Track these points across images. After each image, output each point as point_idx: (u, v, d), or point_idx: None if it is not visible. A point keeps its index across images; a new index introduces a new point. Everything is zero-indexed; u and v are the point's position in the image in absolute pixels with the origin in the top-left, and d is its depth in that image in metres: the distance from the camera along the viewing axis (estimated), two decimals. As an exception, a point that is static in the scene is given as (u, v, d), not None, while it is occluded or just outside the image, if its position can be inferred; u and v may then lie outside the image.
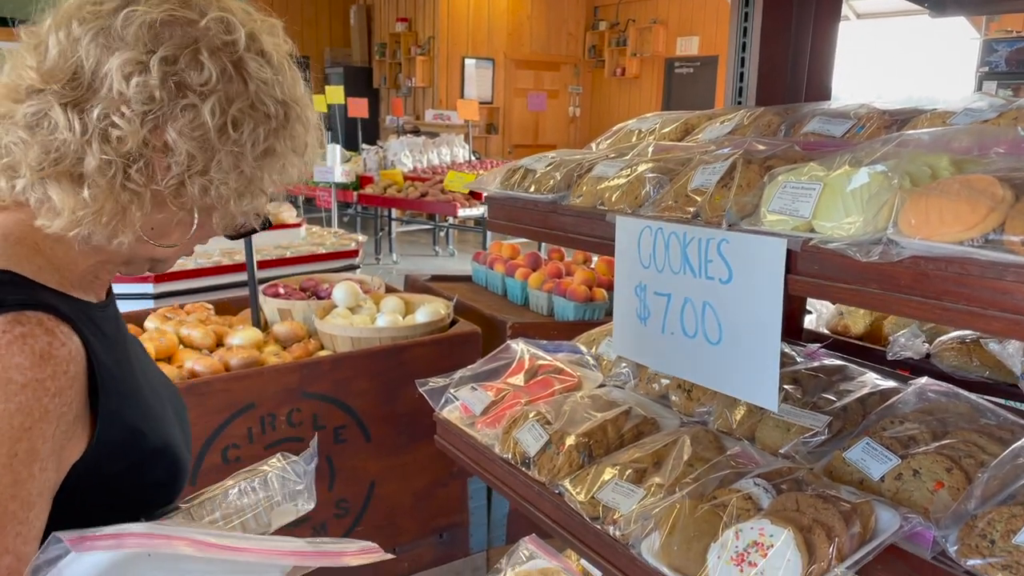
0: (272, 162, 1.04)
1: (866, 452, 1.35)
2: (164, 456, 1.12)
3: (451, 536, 3.54)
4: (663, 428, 1.63)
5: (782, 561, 1.15)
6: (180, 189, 0.98)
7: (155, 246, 1.04)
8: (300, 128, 1.06)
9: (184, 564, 0.90)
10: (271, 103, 1.01)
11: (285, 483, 1.26)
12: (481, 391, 1.85)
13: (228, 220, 1.06)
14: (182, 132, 0.95)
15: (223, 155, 0.98)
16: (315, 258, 5.13)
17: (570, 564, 2.07)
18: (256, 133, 1.00)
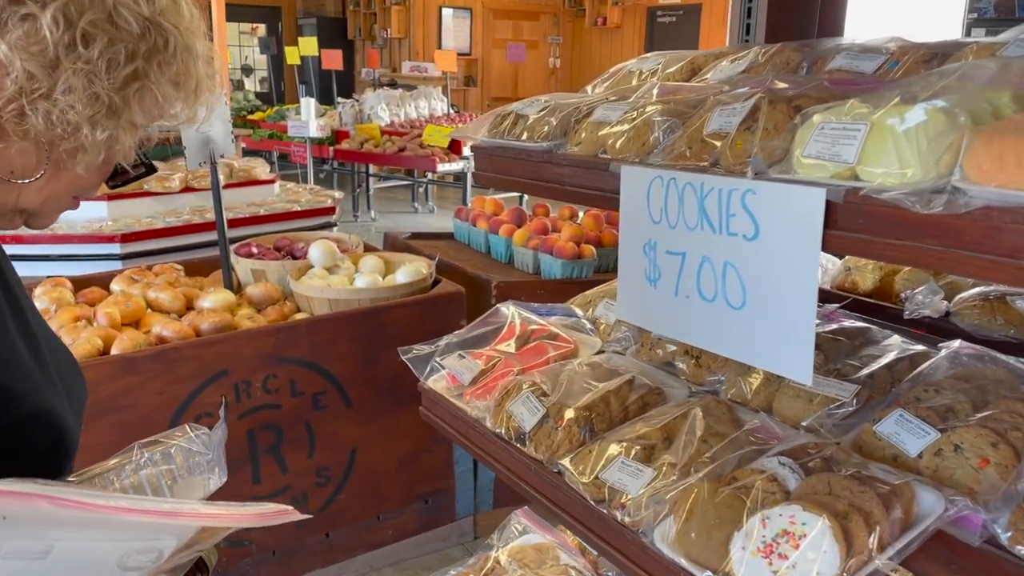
0: (141, 92, 0.88)
1: (900, 425, 1.22)
2: (43, 422, 0.98)
3: (436, 502, 3.43)
4: (670, 399, 1.50)
5: (818, 553, 1.02)
6: (21, 116, 0.83)
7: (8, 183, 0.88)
8: (182, 58, 0.91)
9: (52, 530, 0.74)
10: (134, 20, 0.86)
11: (191, 456, 1.12)
12: (470, 359, 1.70)
13: (91, 158, 0.89)
14: (16, 46, 0.80)
15: (71, 74, 0.83)
16: (290, 216, 4.94)
17: (566, 539, 1.95)
18: (114, 51, 0.85)
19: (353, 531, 3.23)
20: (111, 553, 0.80)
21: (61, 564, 0.76)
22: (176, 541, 0.84)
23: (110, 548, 0.80)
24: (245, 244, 3.61)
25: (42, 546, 0.74)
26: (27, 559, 0.74)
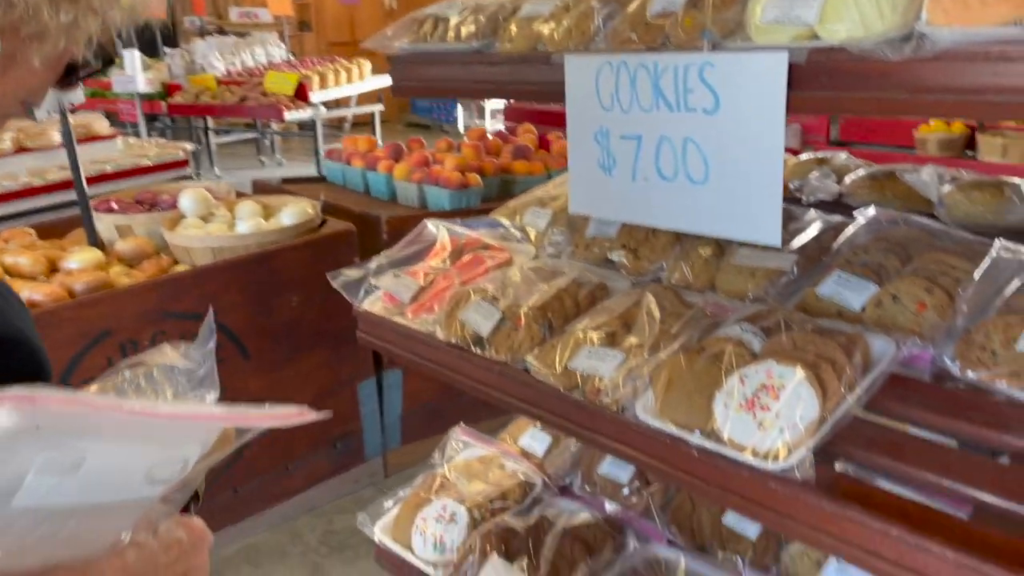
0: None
1: (839, 285, 1.32)
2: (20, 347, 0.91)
3: (345, 445, 3.38)
4: (615, 292, 1.54)
5: (797, 400, 1.09)
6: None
7: None
8: None
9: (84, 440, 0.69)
10: None
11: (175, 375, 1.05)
12: (406, 277, 1.67)
13: (49, 47, 0.80)
14: None
15: None
16: (140, 171, 4.61)
17: (507, 447, 1.98)
18: None
19: (263, 484, 3.14)
20: (139, 464, 0.75)
21: (93, 478, 0.71)
22: (200, 448, 0.80)
23: (138, 459, 0.74)
24: (102, 201, 3.35)
25: (74, 458, 0.68)
26: (59, 474, 0.68)
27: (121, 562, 0.80)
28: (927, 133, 4.98)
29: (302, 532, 3.19)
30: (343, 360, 3.27)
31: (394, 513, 1.86)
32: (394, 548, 1.78)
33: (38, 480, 0.67)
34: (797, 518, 1.04)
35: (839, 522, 1.00)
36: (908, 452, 1.06)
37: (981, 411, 1.08)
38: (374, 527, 1.85)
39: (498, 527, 1.69)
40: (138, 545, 0.83)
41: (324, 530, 3.21)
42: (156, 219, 3.12)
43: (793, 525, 1.05)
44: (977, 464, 1.02)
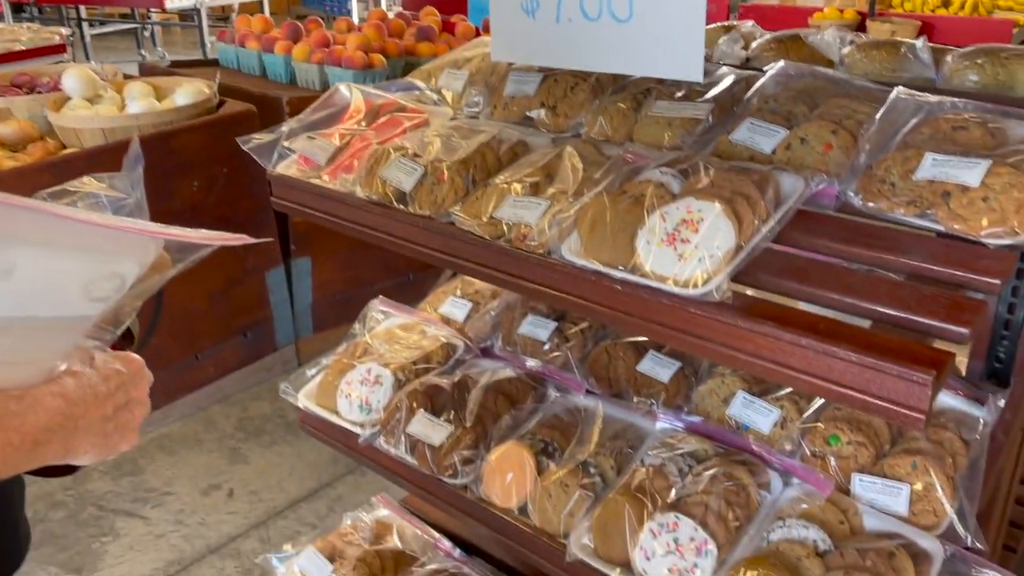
0: None
1: (752, 131, 1.37)
2: None
3: (256, 334, 3.35)
4: (536, 147, 1.55)
5: (715, 232, 1.15)
6: None
7: None
8: None
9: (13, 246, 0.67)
10: None
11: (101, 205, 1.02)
12: (321, 139, 1.64)
13: None
14: None
15: None
16: (13, 57, 4.26)
17: (427, 315, 2.01)
18: None
19: (173, 374, 3.09)
20: (75, 278, 0.73)
21: (25, 287, 0.68)
22: (137, 267, 0.78)
23: (74, 271, 0.72)
24: (-26, 83, 3.10)
25: (4, 263, 0.66)
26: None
27: (59, 388, 0.79)
28: (821, 20, 5.12)
29: (216, 420, 3.18)
30: (249, 248, 3.19)
31: (317, 380, 1.87)
32: (320, 412, 1.80)
33: None
34: (714, 339, 1.11)
35: (753, 339, 1.07)
36: (814, 276, 1.14)
37: (880, 238, 1.17)
38: (297, 394, 1.85)
39: (423, 385, 1.73)
40: (75, 374, 0.82)
41: (239, 417, 3.20)
42: (38, 101, 2.92)
43: (711, 346, 1.12)
44: (876, 283, 1.10)
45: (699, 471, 1.41)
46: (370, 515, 2.10)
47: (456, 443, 1.61)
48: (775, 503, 1.39)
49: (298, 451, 3.00)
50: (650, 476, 1.43)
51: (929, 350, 0.99)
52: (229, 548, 2.53)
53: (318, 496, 2.77)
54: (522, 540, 1.50)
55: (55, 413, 0.76)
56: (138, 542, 2.55)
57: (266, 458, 2.97)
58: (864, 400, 1.00)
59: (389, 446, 1.68)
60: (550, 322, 1.83)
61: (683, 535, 1.31)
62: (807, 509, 1.33)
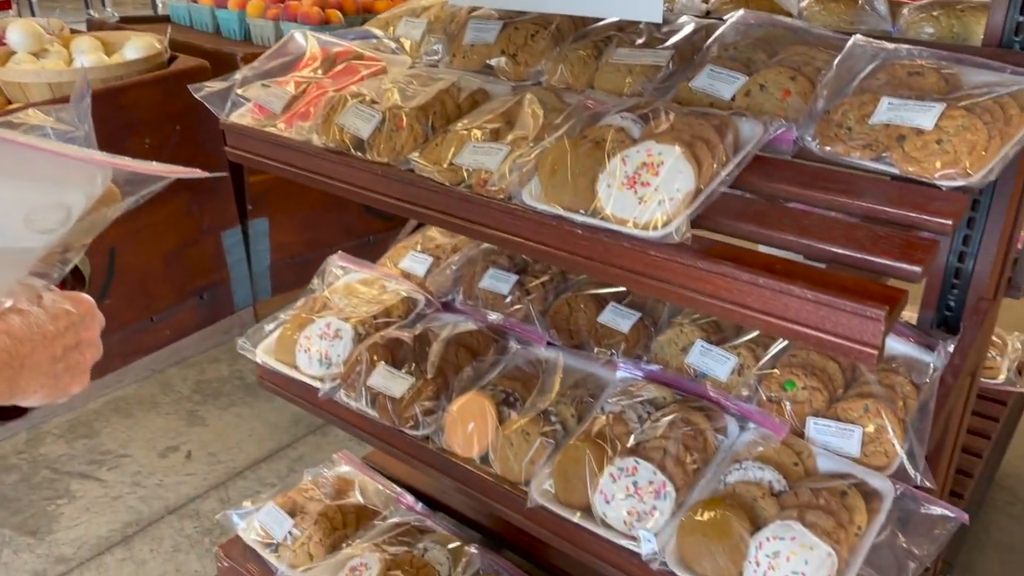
0: None
1: (711, 78, 1.37)
2: None
3: (212, 295, 3.30)
4: (495, 95, 1.53)
5: (675, 175, 1.15)
6: None
7: None
8: None
9: None
10: None
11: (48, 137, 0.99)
12: (277, 87, 1.60)
13: None
14: None
15: None
16: (-49, 10, 4.08)
17: (387, 271, 1.99)
18: None
19: (127, 336, 3.04)
20: (17, 206, 0.70)
21: None
22: (84, 198, 0.76)
23: (15, 199, 0.70)
24: (-90, 36, 2.97)
25: None
26: None
27: (5, 325, 0.77)
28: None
29: (173, 383, 3.14)
30: (205, 207, 3.14)
31: (275, 335, 1.85)
32: (278, 368, 1.79)
33: None
34: (674, 281, 1.12)
35: (711, 280, 1.08)
36: (771, 219, 1.15)
37: (836, 181, 1.18)
38: (256, 350, 1.83)
39: (384, 338, 1.72)
40: (22, 312, 0.79)
41: (196, 380, 3.16)
42: (-21, 54, 2.81)
43: (670, 288, 1.12)
44: (832, 224, 1.12)
45: (658, 417, 1.43)
46: (331, 471, 2.09)
47: (417, 395, 1.60)
48: (732, 447, 1.41)
49: (257, 413, 2.98)
50: (610, 423, 1.44)
51: (882, 287, 1.00)
52: (188, 509, 2.51)
53: (278, 457, 2.75)
54: (484, 489, 1.50)
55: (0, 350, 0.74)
56: (94, 504, 2.52)
57: (225, 420, 2.94)
58: (819, 337, 1.01)
59: (350, 399, 1.67)
60: (511, 275, 1.82)
61: (642, 479, 1.33)
62: (763, 452, 1.36)
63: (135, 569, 2.28)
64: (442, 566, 1.76)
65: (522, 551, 1.94)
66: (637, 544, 1.30)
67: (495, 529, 2.00)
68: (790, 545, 1.19)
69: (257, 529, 1.87)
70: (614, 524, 1.34)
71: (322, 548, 1.80)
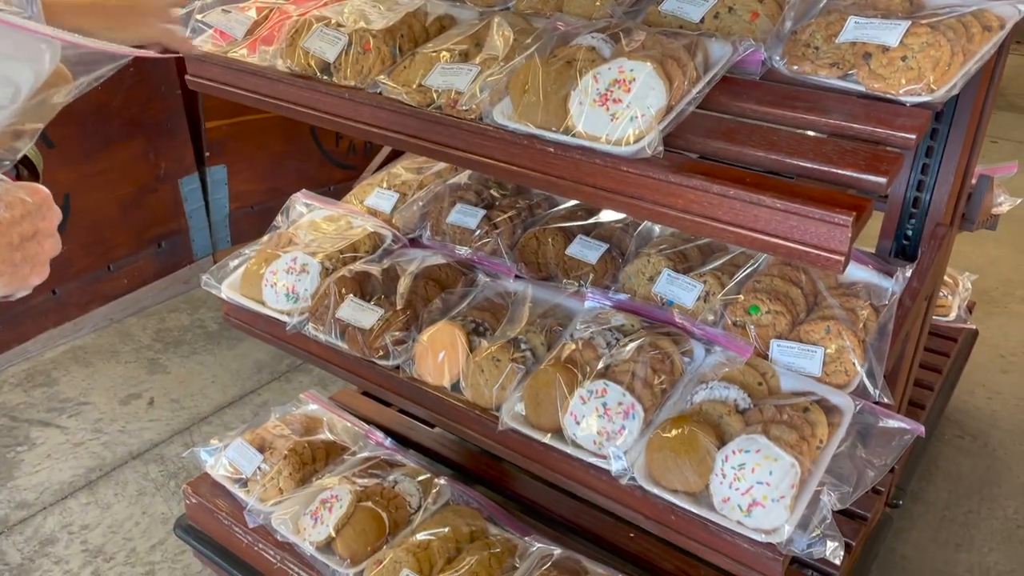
0: None
1: (680, 1, 1.37)
2: None
3: (171, 244, 3.24)
4: (463, 22, 1.52)
5: (647, 91, 1.15)
6: None
7: None
8: None
9: None
10: None
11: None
12: (238, 12, 1.56)
13: None
14: None
15: None
16: None
17: (352, 208, 1.97)
18: None
19: (84, 284, 2.98)
20: None
21: None
22: (33, 75, 0.73)
23: None
24: None
25: None
26: None
27: None
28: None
29: (132, 332, 3.09)
30: (161, 153, 3.07)
31: (241, 271, 1.83)
32: (244, 303, 1.77)
33: None
34: (646, 197, 1.13)
35: (683, 194, 1.09)
36: (741, 136, 1.16)
37: (803, 100, 1.19)
38: (221, 285, 1.81)
39: (352, 272, 1.71)
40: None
41: (157, 328, 3.12)
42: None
43: (643, 204, 1.13)
44: (799, 140, 1.13)
45: (626, 343, 1.45)
46: (299, 410, 2.09)
47: (387, 325, 1.60)
48: (698, 369, 1.44)
49: (220, 361, 2.95)
50: (580, 348, 1.46)
51: (849, 197, 1.02)
52: (152, 453, 2.49)
53: (243, 403, 2.74)
54: (455, 416, 1.52)
55: None
56: (55, 450, 2.49)
57: (187, 367, 2.91)
58: (788, 247, 1.04)
59: (318, 333, 1.67)
60: (479, 210, 1.82)
61: (611, 400, 1.35)
62: (728, 372, 1.39)
63: (100, 513, 2.26)
64: (412, 497, 1.77)
65: (490, 483, 1.96)
66: (607, 462, 1.33)
67: (464, 464, 2.02)
68: (755, 457, 1.23)
69: (225, 465, 1.87)
70: (584, 444, 1.36)
71: (292, 482, 1.81)
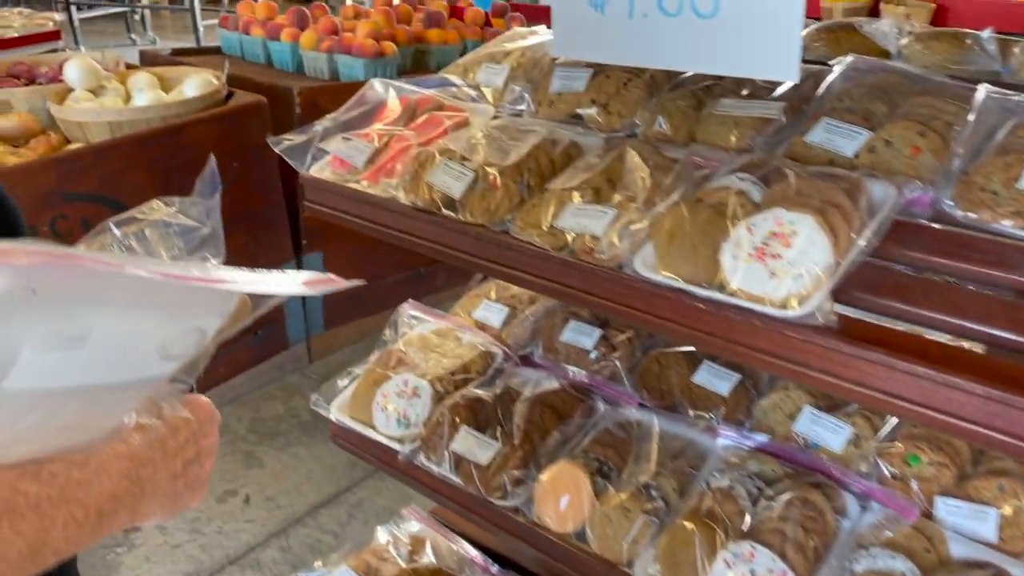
0: None
1: (829, 132, 1.27)
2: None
3: (267, 332, 3.25)
4: (588, 149, 1.45)
5: (810, 247, 1.05)
6: None
7: None
8: None
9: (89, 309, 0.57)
10: None
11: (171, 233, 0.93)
12: (358, 140, 1.53)
13: None
14: None
15: None
16: (6, 44, 4.12)
17: (460, 320, 1.91)
18: None
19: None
20: (152, 337, 0.63)
21: (99, 354, 0.59)
22: (219, 319, 0.69)
23: (151, 331, 0.63)
24: (-30, 74, 2.97)
25: (78, 330, 0.56)
26: (61, 350, 0.56)
27: (126, 448, 0.69)
28: (833, 3, 5.01)
29: (229, 422, 3.09)
30: (261, 244, 3.10)
31: (350, 391, 1.78)
32: (354, 426, 1.71)
33: (36, 358, 0.55)
34: (812, 365, 1.02)
35: (859, 366, 0.99)
36: (917, 293, 1.05)
37: (983, 251, 1.08)
38: (330, 406, 1.76)
39: (465, 398, 1.64)
40: (143, 428, 0.72)
41: (251, 418, 3.11)
42: (39, 93, 2.80)
43: (808, 372, 1.03)
44: (987, 302, 1.02)
45: (772, 495, 1.33)
46: (402, 529, 2.02)
47: (504, 462, 1.52)
48: (853, 529, 1.31)
49: (314, 454, 2.92)
50: (718, 500, 1.34)
51: (1060, 381, 0.90)
52: (249, 558, 2.44)
53: (337, 502, 2.69)
54: (582, 568, 1.41)
55: (121, 478, 0.67)
56: (154, 552, 2.47)
57: (282, 461, 2.88)
58: (987, 435, 0.91)
59: (431, 464, 1.59)
60: (594, 329, 1.74)
61: (760, 566, 1.23)
62: (891, 537, 1.25)
63: (198, 624, 2.22)
64: (526, 638, 1.67)
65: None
66: (757, 637, 1.20)
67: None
68: (935, 648, 1.09)
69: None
70: (729, 614, 1.24)
71: (399, 615, 1.73)
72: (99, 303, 0.58)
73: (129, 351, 0.62)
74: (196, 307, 0.66)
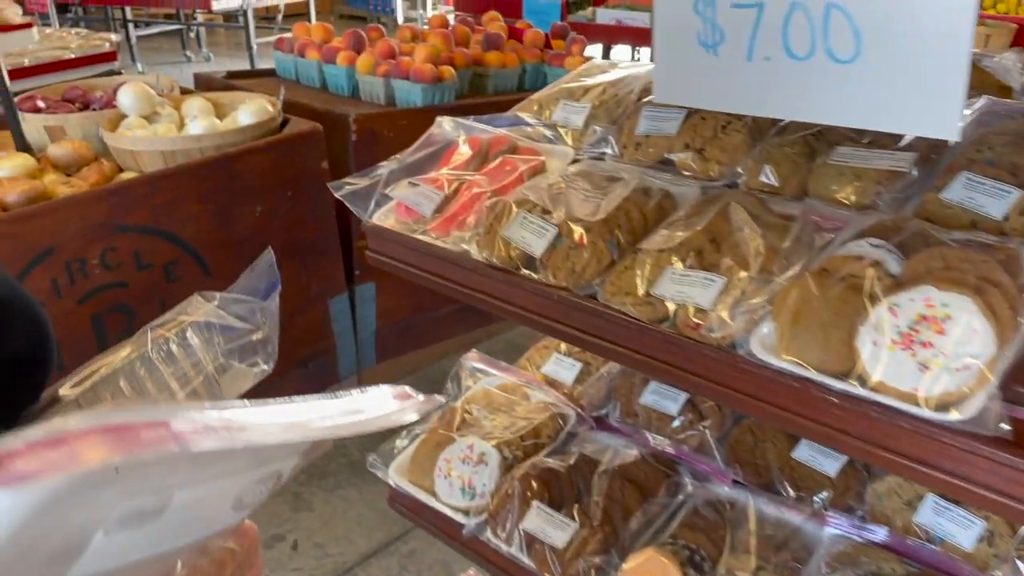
0: None
1: (970, 188, 1.10)
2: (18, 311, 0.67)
3: (318, 365, 3.14)
4: (683, 200, 1.30)
5: (970, 335, 0.89)
6: None
7: None
8: None
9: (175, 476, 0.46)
10: None
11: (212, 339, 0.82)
12: (426, 187, 1.40)
13: None
14: None
15: None
16: (63, 65, 4.10)
17: (528, 375, 1.77)
18: None
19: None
20: (231, 491, 0.52)
21: (175, 521, 0.48)
22: (299, 458, 0.56)
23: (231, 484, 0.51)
24: (25, 98, 2.92)
25: (159, 501, 0.45)
26: (137, 526, 0.44)
27: None
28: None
29: (277, 460, 2.98)
30: (312, 274, 2.99)
31: (409, 453, 1.64)
32: (415, 493, 1.58)
33: (110, 540, 0.43)
34: (977, 480, 0.85)
35: (1037, 485, 0.82)
36: (1101, 394, 0.88)
37: None
38: (388, 469, 1.63)
39: (536, 469, 1.49)
40: (191, 568, 0.62)
41: (301, 457, 2.99)
42: (92, 119, 2.73)
43: (972, 489, 0.86)
44: None
45: (896, 603, 1.16)
46: (461, 596, 1.87)
47: (583, 545, 1.37)
48: (996, 649, 1.13)
49: (365, 497, 2.79)
50: (833, 606, 1.17)
51: None
52: (296, 612, 2.32)
53: (388, 552, 2.55)
54: (671, 674, 1.25)
55: None
56: (198, 603, 2.35)
57: (331, 504, 2.76)
58: None
59: (500, 541, 1.45)
60: (679, 393, 1.58)
61: None
62: (1045, 664, 1.07)
63: None
64: None
65: None
66: None
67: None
68: None
69: (385, 673, 1.66)
70: None
71: None
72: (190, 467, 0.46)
73: (206, 512, 0.51)
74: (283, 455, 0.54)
